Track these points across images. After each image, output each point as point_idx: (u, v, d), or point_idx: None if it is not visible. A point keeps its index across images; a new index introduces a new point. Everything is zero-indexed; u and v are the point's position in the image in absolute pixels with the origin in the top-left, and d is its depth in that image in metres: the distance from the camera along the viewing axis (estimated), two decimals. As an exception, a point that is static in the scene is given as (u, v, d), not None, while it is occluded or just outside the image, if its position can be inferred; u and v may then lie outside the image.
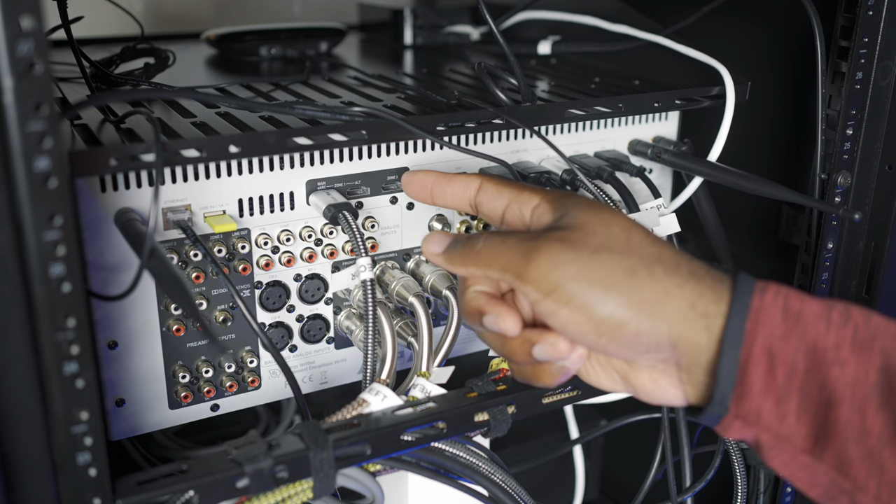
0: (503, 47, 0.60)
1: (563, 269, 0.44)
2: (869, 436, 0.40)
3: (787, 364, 0.42)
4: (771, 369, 0.42)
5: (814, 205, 0.67)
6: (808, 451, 0.42)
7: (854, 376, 0.41)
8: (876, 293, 0.70)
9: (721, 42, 0.70)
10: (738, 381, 0.42)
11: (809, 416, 0.42)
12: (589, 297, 0.44)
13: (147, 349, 0.56)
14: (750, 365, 0.42)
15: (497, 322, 0.47)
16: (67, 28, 0.63)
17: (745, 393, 0.42)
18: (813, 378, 0.41)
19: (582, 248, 0.44)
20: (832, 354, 0.41)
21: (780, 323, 0.42)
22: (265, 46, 0.82)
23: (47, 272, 0.40)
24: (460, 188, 0.53)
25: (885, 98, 0.66)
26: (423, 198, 0.55)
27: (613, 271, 0.44)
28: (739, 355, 0.42)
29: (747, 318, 0.42)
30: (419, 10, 0.92)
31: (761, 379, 0.42)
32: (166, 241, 0.54)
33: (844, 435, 0.41)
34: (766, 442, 0.43)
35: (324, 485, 0.51)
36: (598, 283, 0.44)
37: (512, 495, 0.58)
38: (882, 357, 0.41)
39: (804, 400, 0.42)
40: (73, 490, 0.45)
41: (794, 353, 0.42)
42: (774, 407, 0.42)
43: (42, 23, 0.37)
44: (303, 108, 0.53)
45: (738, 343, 0.42)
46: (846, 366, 0.41)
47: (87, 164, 0.46)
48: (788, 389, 0.42)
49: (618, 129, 0.70)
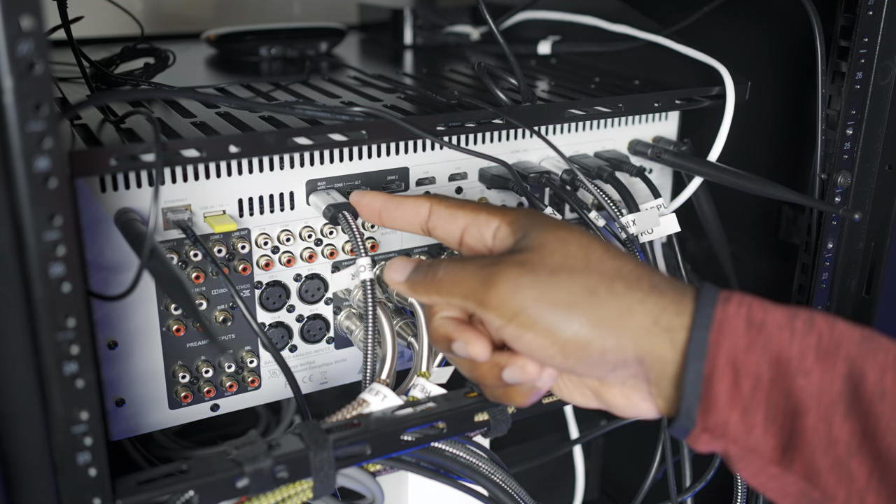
0: (503, 47, 0.60)
1: (523, 294, 0.44)
2: (836, 444, 0.40)
3: (751, 375, 0.41)
4: (736, 381, 0.42)
5: (814, 205, 0.67)
6: (777, 461, 0.42)
7: (819, 385, 0.41)
8: (876, 293, 0.70)
9: (721, 42, 0.70)
10: (704, 395, 0.42)
11: (776, 427, 0.41)
12: (551, 319, 0.43)
13: (147, 349, 0.56)
14: (715, 377, 0.42)
15: (466, 348, 0.47)
16: (67, 28, 0.63)
17: (711, 406, 0.42)
18: (778, 388, 0.41)
19: (541, 271, 0.44)
20: (797, 364, 0.41)
21: (744, 334, 0.42)
22: (265, 46, 0.82)
23: (47, 272, 0.40)
24: (410, 212, 0.52)
25: (885, 98, 0.66)
26: (372, 220, 0.55)
27: (573, 291, 0.44)
28: (703, 368, 0.42)
29: (710, 329, 0.42)
30: (419, 10, 0.92)
31: (726, 391, 0.42)
32: (166, 241, 0.54)
33: (812, 444, 0.40)
34: (734, 454, 0.43)
35: (324, 485, 0.51)
36: (560, 305, 0.43)
37: (512, 495, 0.58)
38: (846, 364, 0.41)
39: (770, 411, 0.41)
40: (73, 490, 0.45)
41: (759, 363, 0.41)
42: (741, 419, 0.42)
43: (42, 23, 0.37)
44: (303, 108, 0.53)
45: (702, 356, 0.42)
46: (811, 375, 0.41)
47: (87, 164, 0.46)
48: (754, 401, 0.41)
49: (618, 129, 0.70)
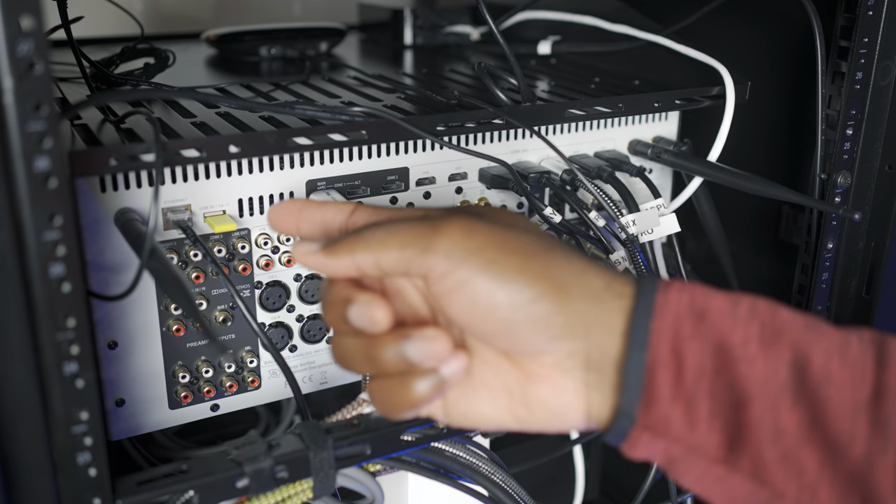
0: (503, 47, 0.60)
1: (477, 237, 0.40)
2: (783, 435, 0.38)
3: (695, 366, 0.39)
4: (679, 372, 0.39)
5: (814, 205, 0.67)
6: (722, 459, 0.39)
7: (763, 373, 0.39)
8: (876, 293, 0.70)
9: (721, 42, 0.70)
10: (646, 386, 0.39)
11: (721, 421, 0.39)
12: (506, 264, 0.40)
13: (147, 349, 0.56)
14: (658, 367, 0.39)
15: (368, 310, 0.41)
16: (67, 28, 0.63)
17: (653, 398, 0.39)
18: (722, 379, 0.39)
19: (495, 222, 0.42)
20: (739, 352, 0.39)
21: (686, 321, 0.39)
22: (265, 46, 0.82)
23: (47, 272, 0.40)
24: (332, 210, 0.46)
25: (885, 98, 0.66)
26: (289, 226, 0.47)
27: (531, 243, 0.41)
28: (646, 358, 0.39)
29: (652, 316, 0.39)
30: (419, 10, 0.92)
31: (669, 382, 0.39)
32: (166, 241, 0.54)
33: (758, 435, 0.38)
34: (676, 455, 0.40)
35: (324, 485, 0.51)
36: (516, 252, 0.40)
37: (512, 495, 0.58)
38: (791, 351, 0.39)
39: (715, 404, 0.39)
40: (73, 490, 0.45)
41: (702, 353, 0.39)
42: (684, 413, 0.39)
43: (42, 23, 0.37)
44: (303, 108, 0.53)
45: (644, 344, 0.39)
46: (755, 362, 0.39)
47: (87, 164, 0.46)
48: (698, 393, 0.39)
49: (618, 129, 0.70)
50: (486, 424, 0.44)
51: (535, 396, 0.42)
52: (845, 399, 0.38)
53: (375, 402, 0.42)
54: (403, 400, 0.41)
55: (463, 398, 0.44)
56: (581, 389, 0.41)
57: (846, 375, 0.39)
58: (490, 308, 0.40)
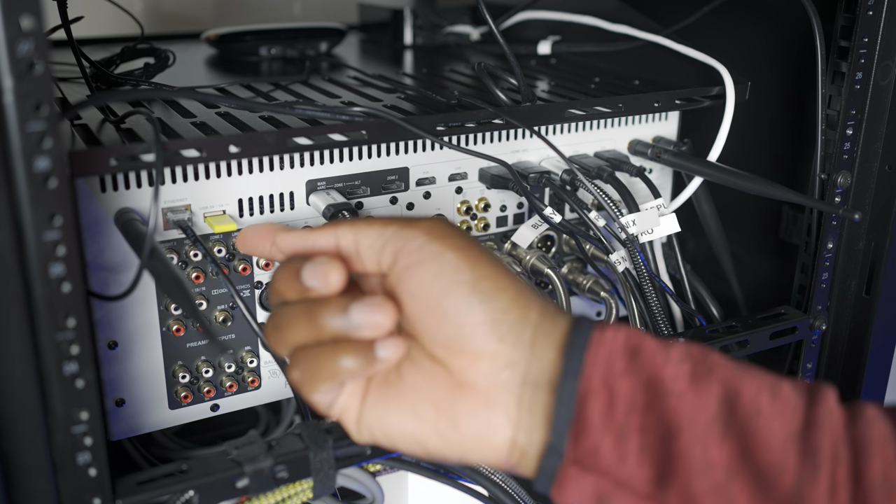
0: (503, 47, 0.60)
1: (450, 226, 0.42)
2: (713, 468, 0.38)
3: (626, 401, 0.39)
4: (611, 404, 0.39)
5: (814, 205, 0.67)
6: (651, 496, 0.38)
7: (693, 406, 0.38)
8: (876, 293, 0.70)
9: (721, 42, 0.70)
10: (577, 415, 0.39)
11: (651, 456, 0.38)
12: (479, 252, 0.41)
13: (147, 349, 0.56)
14: (590, 396, 0.39)
15: (323, 268, 0.40)
16: (67, 28, 0.63)
17: (584, 428, 0.39)
18: (653, 413, 0.39)
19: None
20: (670, 385, 0.39)
21: (620, 358, 0.39)
22: (265, 46, 0.82)
23: (47, 272, 0.40)
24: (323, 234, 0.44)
25: (885, 98, 0.66)
26: (264, 248, 0.45)
27: (491, 255, 0.43)
28: (578, 386, 0.39)
29: (587, 348, 0.40)
30: (419, 10, 0.92)
31: (601, 412, 0.39)
32: (166, 241, 0.54)
33: (687, 467, 0.38)
34: (605, 492, 0.39)
35: (324, 485, 0.51)
36: (484, 251, 0.42)
37: (512, 495, 0.58)
38: (721, 387, 0.39)
39: (645, 439, 0.38)
40: (73, 490, 0.45)
41: (634, 389, 0.39)
42: (614, 446, 0.38)
43: (42, 23, 0.37)
44: (303, 108, 0.53)
45: (578, 372, 0.39)
46: (684, 396, 0.39)
47: (87, 164, 0.46)
48: (628, 427, 0.38)
49: (618, 129, 0.70)
50: (401, 438, 0.42)
51: (463, 409, 0.41)
52: (775, 431, 0.38)
53: (295, 371, 0.41)
54: (327, 368, 0.40)
55: (384, 402, 0.42)
56: (512, 409, 0.40)
57: (776, 409, 0.39)
58: (453, 283, 0.40)
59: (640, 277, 0.65)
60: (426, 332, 0.41)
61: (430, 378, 0.42)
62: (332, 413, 0.44)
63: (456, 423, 0.41)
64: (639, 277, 0.65)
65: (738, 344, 0.67)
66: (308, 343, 0.41)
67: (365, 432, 0.43)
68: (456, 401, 0.41)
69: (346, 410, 0.43)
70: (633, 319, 0.66)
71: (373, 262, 0.42)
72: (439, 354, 0.41)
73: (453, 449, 0.42)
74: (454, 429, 0.41)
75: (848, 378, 0.73)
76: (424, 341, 0.42)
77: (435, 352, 0.42)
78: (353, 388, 0.43)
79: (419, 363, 0.42)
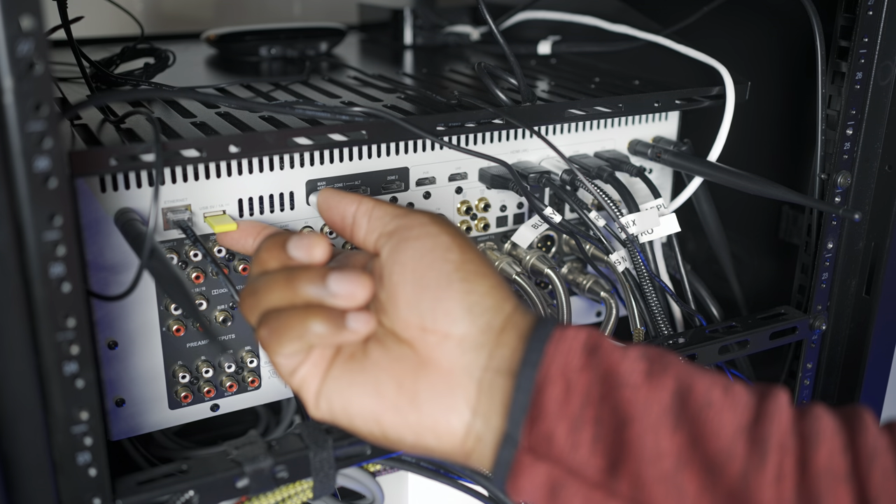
0: (503, 47, 0.60)
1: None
2: (664, 457, 0.38)
3: (582, 393, 0.40)
4: (567, 393, 0.40)
5: (814, 205, 0.67)
6: (602, 484, 0.39)
7: (646, 397, 0.40)
8: (876, 293, 0.70)
9: (721, 42, 0.70)
10: (533, 402, 0.40)
11: (603, 446, 0.39)
12: (470, 244, 0.44)
13: (147, 349, 0.56)
14: (547, 384, 0.40)
15: (309, 240, 0.43)
16: (67, 28, 0.63)
17: (539, 415, 0.40)
18: (607, 404, 0.40)
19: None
20: (625, 378, 0.40)
21: (579, 355, 0.41)
22: (265, 46, 0.82)
23: (47, 272, 0.40)
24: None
25: (885, 98, 0.66)
26: (247, 247, 0.53)
27: (483, 253, 0.47)
28: (536, 375, 0.40)
29: (548, 341, 0.41)
30: (419, 10, 0.92)
31: (557, 400, 0.40)
32: (166, 241, 0.54)
33: (638, 456, 0.39)
34: (558, 481, 0.40)
35: (324, 485, 0.51)
36: (478, 249, 0.45)
37: (512, 495, 0.58)
38: (675, 382, 0.40)
39: (599, 429, 0.39)
40: (73, 490, 0.45)
41: (590, 383, 0.40)
42: (568, 433, 0.39)
43: (42, 23, 0.37)
44: (303, 108, 0.53)
45: (537, 363, 0.41)
46: (639, 389, 0.40)
47: (87, 164, 0.46)
48: (583, 418, 0.40)
49: (618, 129, 0.70)
50: (359, 414, 0.43)
51: (425, 388, 0.42)
52: (725, 422, 0.39)
53: (264, 329, 0.43)
54: (296, 328, 0.42)
55: (347, 376, 0.43)
56: (472, 392, 0.42)
57: (727, 403, 0.40)
58: (441, 259, 0.42)
59: (640, 277, 0.65)
60: (404, 304, 0.43)
61: (395, 358, 0.43)
62: (293, 381, 0.45)
63: (416, 402, 0.42)
64: (639, 277, 0.65)
65: (738, 344, 0.67)
66: (282, 306, 0.43)
67: (323, 405, 0.44)
68: (419, 378, 0.42)
69: (308, 380, 0.44)
70: (633, 319, 0.66)
71: (375, 233, 0.45)
72: (408, 335, 0.43)
73: (410, 429, 0.42)
74: (413, 407, 0.42)
75: (848, 378, 0.73)
76: (397, 320, 0.43)
77: (405, 332, 0.43)
78: (318, 359, 0.44)
79: (387, 344, 0.44)
